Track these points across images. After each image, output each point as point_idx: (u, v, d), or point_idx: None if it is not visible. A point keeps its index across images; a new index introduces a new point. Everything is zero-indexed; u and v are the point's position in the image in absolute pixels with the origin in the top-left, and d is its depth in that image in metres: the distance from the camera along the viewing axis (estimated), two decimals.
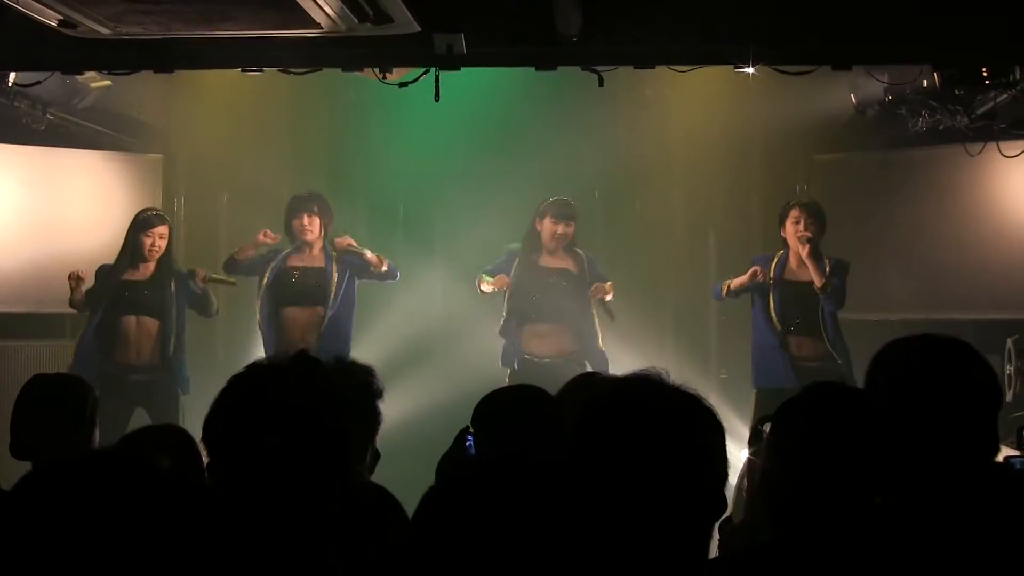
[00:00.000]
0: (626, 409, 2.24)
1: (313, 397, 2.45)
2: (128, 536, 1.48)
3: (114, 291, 8.06)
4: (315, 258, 8.22)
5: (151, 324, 8.08)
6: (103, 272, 8.15)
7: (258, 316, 8.28)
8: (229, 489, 2.37)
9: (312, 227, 8.17)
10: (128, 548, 1.48)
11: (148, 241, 8.07)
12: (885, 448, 2.59)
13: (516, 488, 1.82)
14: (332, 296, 8.10)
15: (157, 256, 8.11)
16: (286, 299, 8.18)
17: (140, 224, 8.15)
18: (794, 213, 7.89)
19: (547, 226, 8.15)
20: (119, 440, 3.90)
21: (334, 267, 8.16)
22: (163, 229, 8.16)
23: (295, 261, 8.23)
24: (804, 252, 7.76)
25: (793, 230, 7.85)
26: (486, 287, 8.20)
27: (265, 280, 8.25)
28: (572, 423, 2.28)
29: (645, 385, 2.28)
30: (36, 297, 9.21)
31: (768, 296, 7.90)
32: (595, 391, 2.35)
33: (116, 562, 1.47)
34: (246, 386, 2.46)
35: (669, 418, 2.22)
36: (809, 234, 7.79)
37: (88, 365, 7.77)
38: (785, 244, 7.92)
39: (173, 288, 8.15)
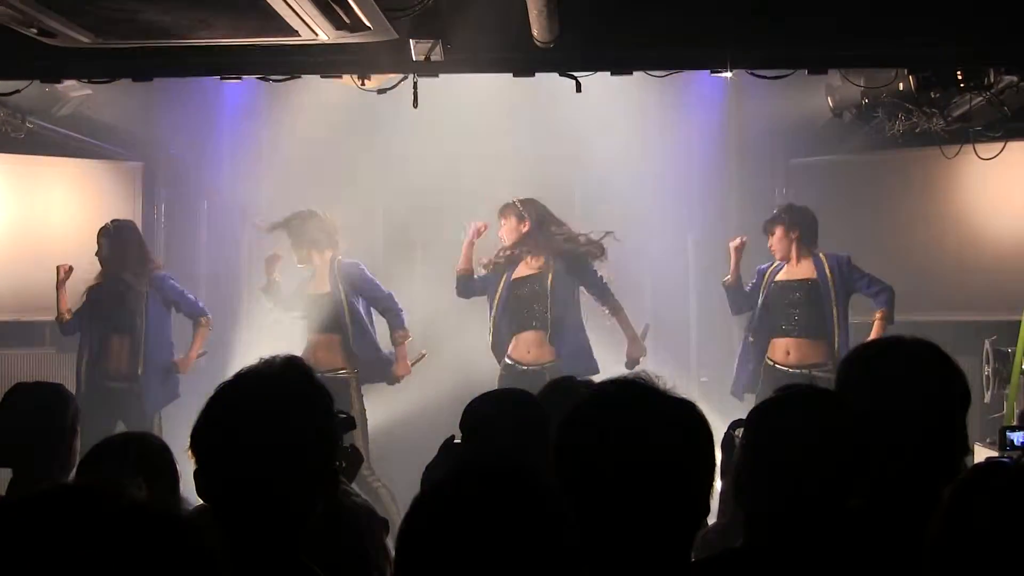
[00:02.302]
0: (614, 414, 2.24)
1: (304, 405, 2.45)
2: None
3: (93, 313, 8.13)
4: (323, 280, 8.21)
5: (125, 340, 8.12)
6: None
7: None
8: (216, 498, 2.37)
9: (324, 259, 8.22)
10: None
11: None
12: (856, 451, 2.61)
13: (499, 494, 1.81)
14: (347, 319, 8.12)
15: (98, 266, 8.19)
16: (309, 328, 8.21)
17: None
18: (771, 227, 8.01)
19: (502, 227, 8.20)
20: (90, 450, 3.88)
21: (340, 287, 8.15)
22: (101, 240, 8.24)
23: (309, 287, 8.25)
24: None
25: (771, 242, 8.00)
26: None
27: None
28: (557, 425, 2.28)
29: (635, 390, 2.28)
30: (16, 305, 9.20)
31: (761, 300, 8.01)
32: (583, 393, 2.35)
33: None
34: (236, 394, 2.46)
35: (659, 424, 2.22)
36: (784, 243, 7.95)
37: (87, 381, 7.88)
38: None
39: (146, 300, 8.16)
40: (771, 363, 7.99)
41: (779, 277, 8.02)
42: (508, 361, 8.05)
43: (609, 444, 2.19)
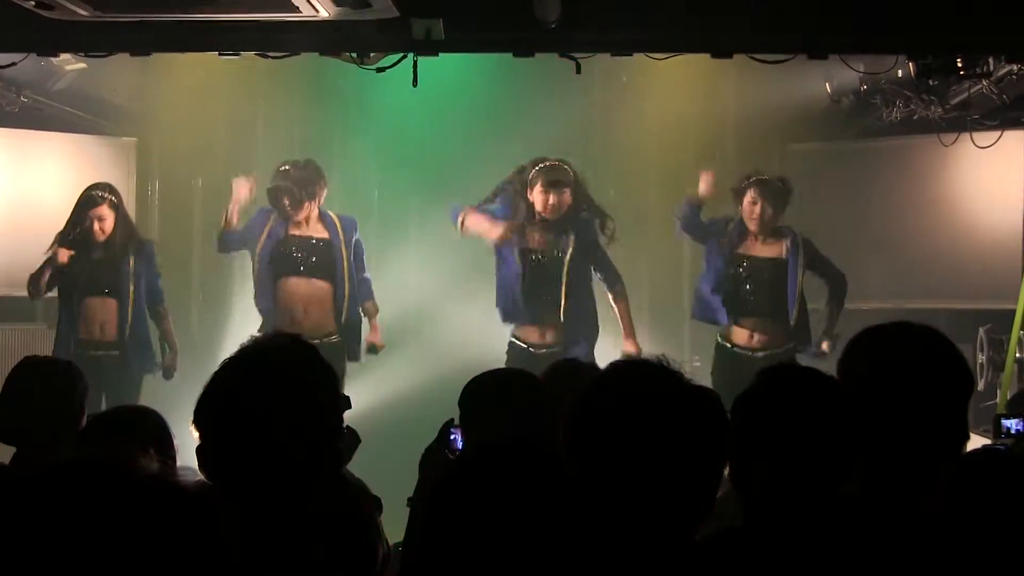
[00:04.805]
0: (633, 394, 2.23)
1: (309, 382, 2.44)
2: (114, 551, 1.44)
3: (75, 274, 7.96)
4: (315, 227, 8.05)
5: (111, 303, 8.01)
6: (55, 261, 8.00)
7: (254, 291, 8.09)
8: (221, 475, 2.36)
9: (305, 210, 8.01)
10: (113, 563, 1.44)
11: (89, 224, 7.96)
12: (852, 434, 2.60)
13: (513, 480, 1.81)
14: (344, 273, 7.96)
15: (103, 238, 7.97)
16: (286, 270, 7.95)
17: (84, 202, 8.03)
18: (751, 193, 7.89)
19: (538, 197, 7.80)
20: (88, 423, 3.85)
21: (341, 237, 8.00)
22: (103, 210, 7.99)
23: (294, 230, 8.01)
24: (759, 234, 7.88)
25: (749, 211, 7.89)
26: (472, 225, 7.84)
27: (259, 249, 8.01)
28: (568, 406, 2.27)
29: (655, 374, 2.27)
30: (8, 280, 9.16)
31: (721, 255, 7.93)
32: (592, 375, 2.34)
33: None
34: (240, 369, 2.44)
35: (678, 410, 2.22)
36: (764, 218, 7.85)
37: (62, 350, 7.72)
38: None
39: (131, 265, 8.02)
40: (730, 346, 7.93)
41: (752, 252, 7.93)
42: (515, 340, 7.86)
43: (628, 425, 2.19)
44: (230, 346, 2.56)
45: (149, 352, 8.08)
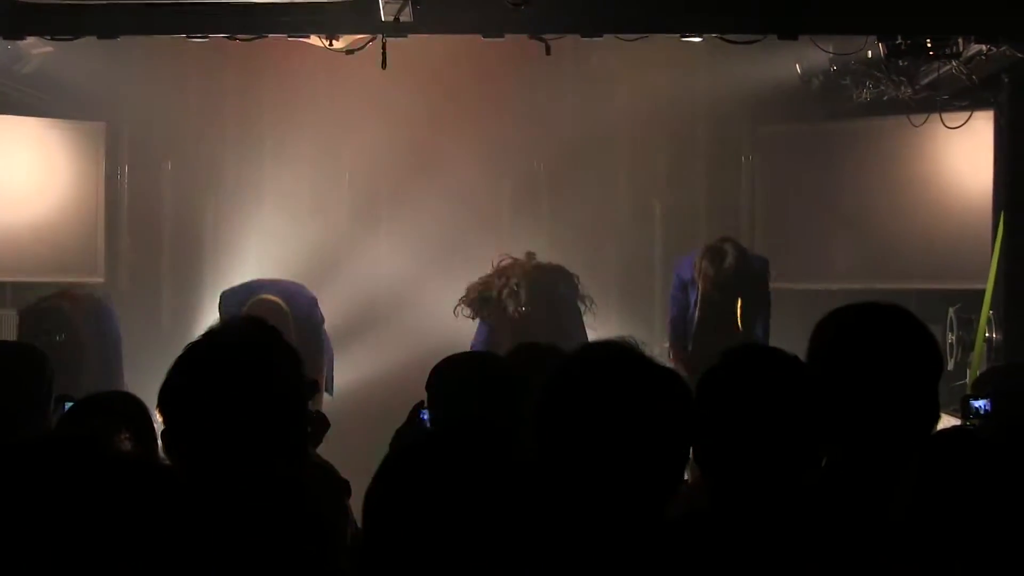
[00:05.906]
0: (602, 375, 2.24)
1: (273, 366, 2.43)
2: (83, 525, 1.44)
3: None
4: None
5: None
6: None
7: None
8: (186, 459, 2.35)
9: None
10: (82, 537, 1.44)
11: None
12: (818, 415, 2.60)
13: (472, 457, 1.81)
14: None
15: None
16: None
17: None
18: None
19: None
20: (69, 408, 3.83)
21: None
22: None
23: None
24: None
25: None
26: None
27: None
28: (538, 388, 2.27)
29: (623, 354, 2.28)
30: None
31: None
32: (568, 356, 2.35)
33: (71, 551, 1.44)
34: (204, 353, 2.44)
35: (646, 389, 2.23)
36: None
37: None
38: None
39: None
40: None
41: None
42: None
43: (596, 406, 2.19)
44: (201, 332, 2.56)
45: None
